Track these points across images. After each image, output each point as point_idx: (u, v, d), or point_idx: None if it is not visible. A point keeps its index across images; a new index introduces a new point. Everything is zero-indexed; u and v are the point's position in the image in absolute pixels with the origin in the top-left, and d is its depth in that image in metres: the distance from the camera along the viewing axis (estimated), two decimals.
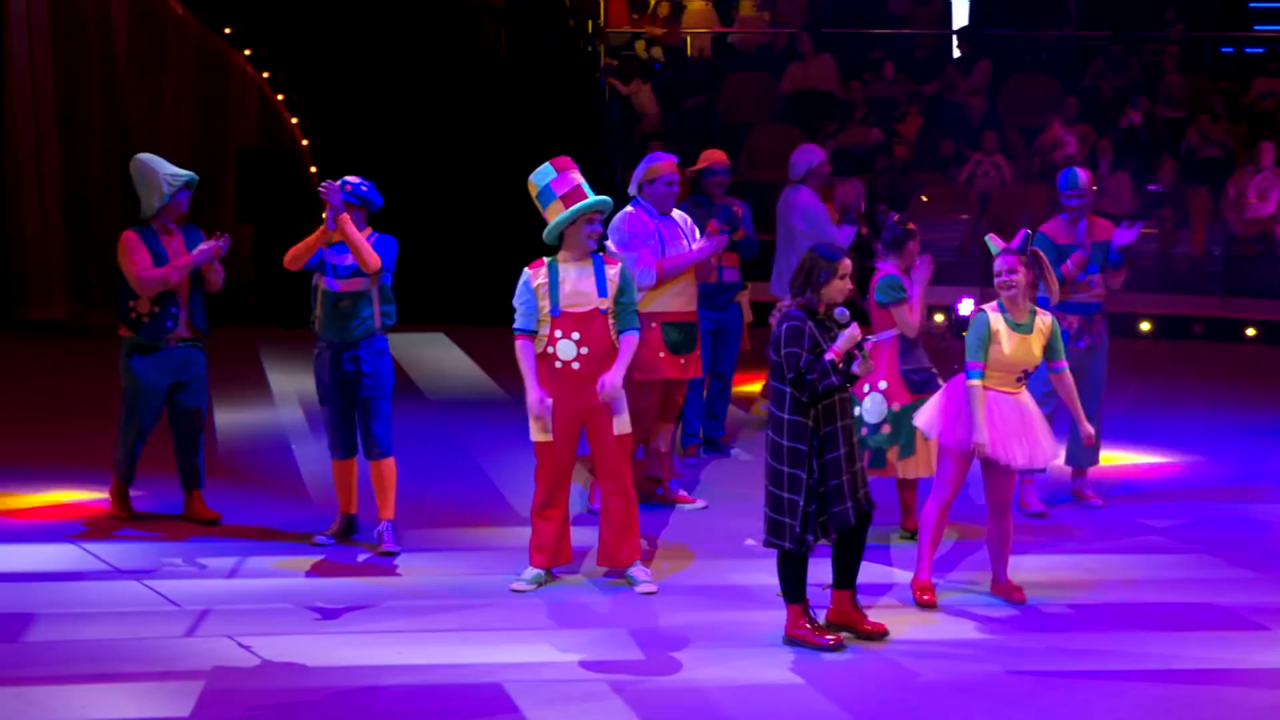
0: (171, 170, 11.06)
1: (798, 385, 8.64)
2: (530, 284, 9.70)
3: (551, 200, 9.75)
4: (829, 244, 8.99)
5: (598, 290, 9.75)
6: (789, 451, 8.73)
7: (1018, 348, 9.42)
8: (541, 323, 9.72)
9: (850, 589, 8.99)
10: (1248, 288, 18.62)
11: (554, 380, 9.72)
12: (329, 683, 8.38)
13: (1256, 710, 8.13)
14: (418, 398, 15.14)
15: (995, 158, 20.40)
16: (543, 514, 9.90)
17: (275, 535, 10.91)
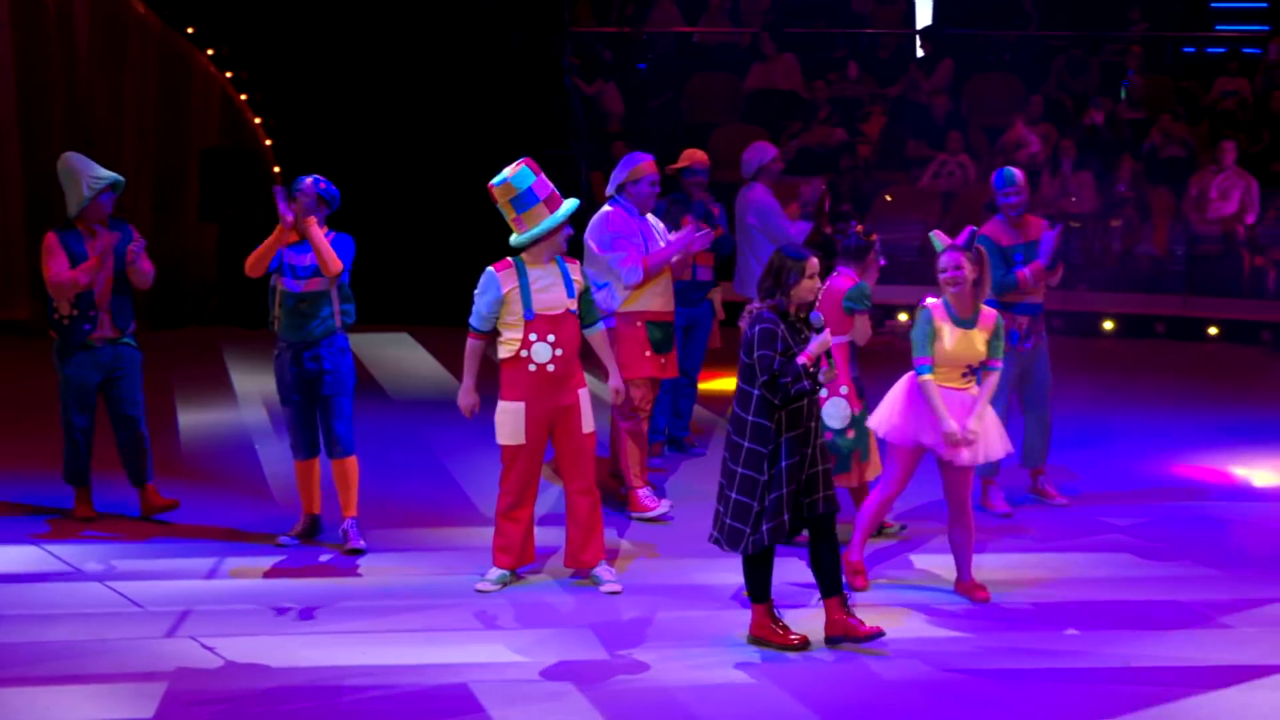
0: (96, 172, 11.02)
1: (770, 388, 8.63)
2: (501, 288, 9.66)
3: (535, 203, 9.67)
4: (794, 245, 9.01)
5: (567, 291, 9.76)
6: (748, 453, 8.72)
7: (959, 343, 9.54)
8: (512, 327, 9.70)
9: (838, 594, 8.90)
10: (1210, 287, 18.69)
11: (528, 383, 9.70)
12: (293, 683, 8.37)
13: (1218, 708, 8.17)
14: (381, 398, 15.12)
15: (960, 157, 20.45)
16: (510, 515, 9.89)
17: (239, 536, 10.89)
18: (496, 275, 9.69)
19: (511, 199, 9.70)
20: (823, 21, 23.45)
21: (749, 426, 8.73)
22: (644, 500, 11.36)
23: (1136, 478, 12.55)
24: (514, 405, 9.71)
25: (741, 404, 8.78)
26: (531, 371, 9.69)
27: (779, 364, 8.60)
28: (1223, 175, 18.95)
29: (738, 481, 8.75)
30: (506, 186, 9.69)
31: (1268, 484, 12.43)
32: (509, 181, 9.69)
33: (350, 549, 10.54)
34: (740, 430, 8.77)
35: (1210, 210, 18.96)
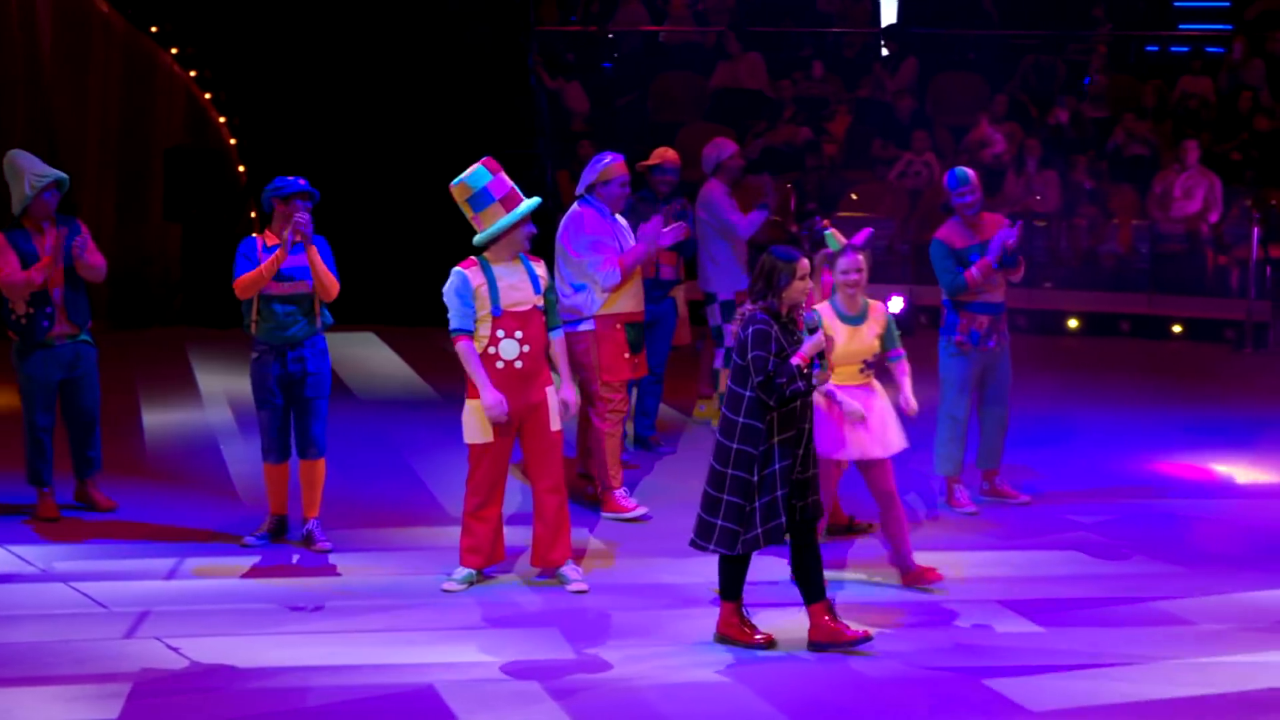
0: (39, 170, 10.99)
1: (766, 389, 8.57)
2: (470, 285, 9.66)
3: (490, 203, 9.69)
4: (784, 246, 8.98)
5: (533, 288, 9.77)
6: (736, 454, 8.67)
7: (851, 340, 9.75)
8: (480, 323, 9.71)
9: (823, 599, 8.83)
10: (1174, 285, 18.76)
11: (496, 380, 9.69)
12: (259, 684, 8.35)
13: (1179, 705, 8.20)
14: (348, 398, 15.09)
15: (925, 156, 20.49)
16: (479, 515, 9.88)
17: (204, 536, 10.86)
18: (465, 272, 9.70)
19: (468, 198, 9.73)
20: (788, 20, 23.49)
21: (739, 428, 8.67)
22: (621, 501, 11.36)
23: (1100, 475, 12.59)
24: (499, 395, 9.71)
25: (732, 406, 8.72)
26: (499, 369, 9.69)
27: (774, 365, 8.56)
28: (1186, 174, 19.03)
29: (728, 484, 8.68)
30: (463, 186, 9.74)
31: (1231, 481, 12.48)
32: (464, 181, 9.74)
33: (320, 548, 10.54)
34: (730, 433, 8.70)
35: (1174, 209, 19.04)
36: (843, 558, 10.45)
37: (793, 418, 8.70)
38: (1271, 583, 10.02)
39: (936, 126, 21.23)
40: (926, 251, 11.74)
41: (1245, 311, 17.83)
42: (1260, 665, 8.67)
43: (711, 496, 8.76)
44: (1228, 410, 14.81)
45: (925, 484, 11.92)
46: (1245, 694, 8.32)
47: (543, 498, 9.91)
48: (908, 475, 12.02)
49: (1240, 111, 20.23)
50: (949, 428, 11.56)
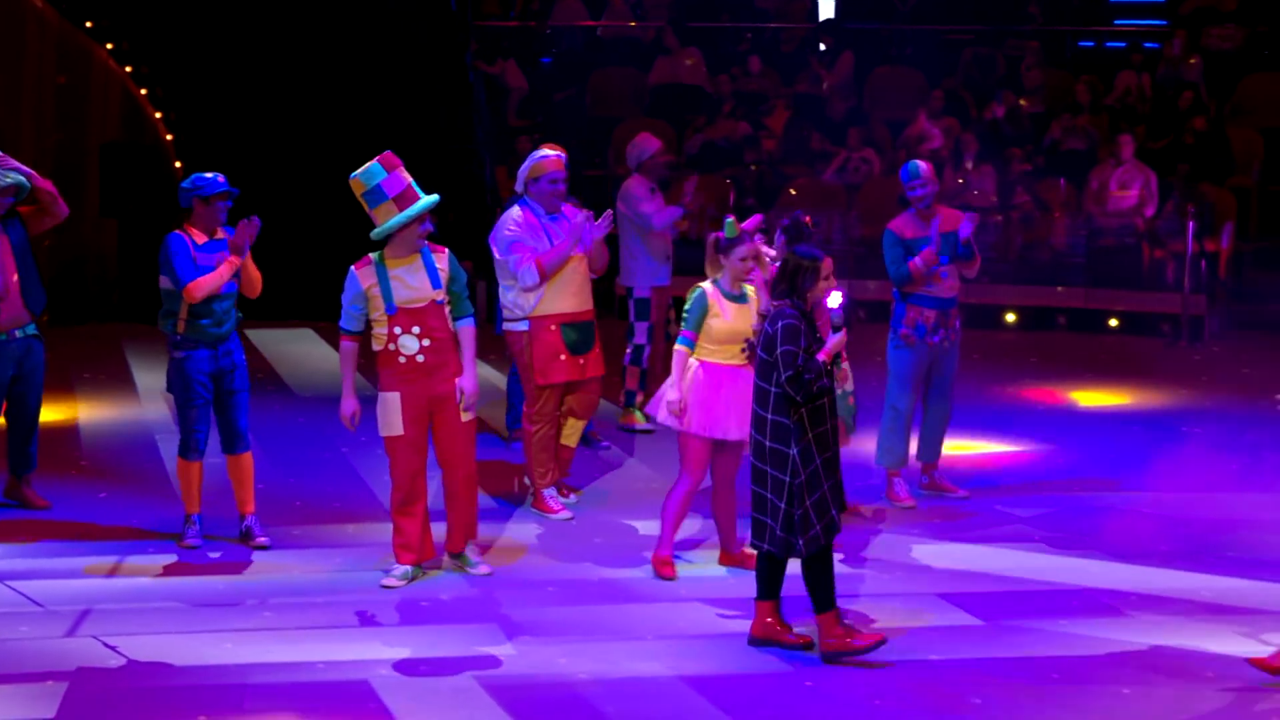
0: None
1: (795, 384, 8.48)
2: (360, 286, 9.70)
3: (383, 201, 9.71)
4: (807, 246, 8.99)
5: (431, 283, 9.77)
6: (771, 452, 8.60)
7: (737, 316, 9.83)
8: (379, 321, 9.72)
9: (832, 609, 8.70)
10: (1110, 279, 18.85)
11: (400, 375, 9.73)
12: (196, 681, 8.31)
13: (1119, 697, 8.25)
14: (286, 394, 15.03)
15: (863, 152, 20.53)
16: (405, 511, 9.88)
17: (142, 534, 10.81)
18: (356, 273, 9.76)
19: (363, 194, 9.78)
20: (726, 16, 23.52)
21: (769, 424, 8.61)
22: (549, 501, 11.33)
23: (1039, 469, 12.65)
24: (389, 396, 9.76)
25: (760, 401, 8.65)
26: (402, 363, 9.74)
27: (802, 360, 8.53)
28: (1122, 168, 19.12)
29: (770, 482, 8.61)
30: (356, 182, 9.79)
31: (1168, 475, 12.55)
32: (358, 177, 9.78)
33: (257, 544, 10.52)
34: (761, 428, 8.64)
35: (1110, 203, 19.14)
36: None
37: (823, 414, 8.63)
38: (1207, 574, 10.08)
39: (874, 122, 21.28)
40: (865, 247, 11.77)
41: (1181, 305, 17.94)
42: (1199, 655, 8.73)
43: (759, 495, 8.66)
44: (1164, 404, 14.90)
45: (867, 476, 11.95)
46: (1185, 684, 8.37)
47: (458, 488, 9.96)
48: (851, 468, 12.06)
49: (1176, 106, 20.36)
50: (892, 420, 11.59)
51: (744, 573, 9.95)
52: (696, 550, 10.45)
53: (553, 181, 11.21)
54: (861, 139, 20.70)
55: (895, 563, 10.29)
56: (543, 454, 11.30)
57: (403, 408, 9.74)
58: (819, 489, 8.60)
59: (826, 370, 8.57)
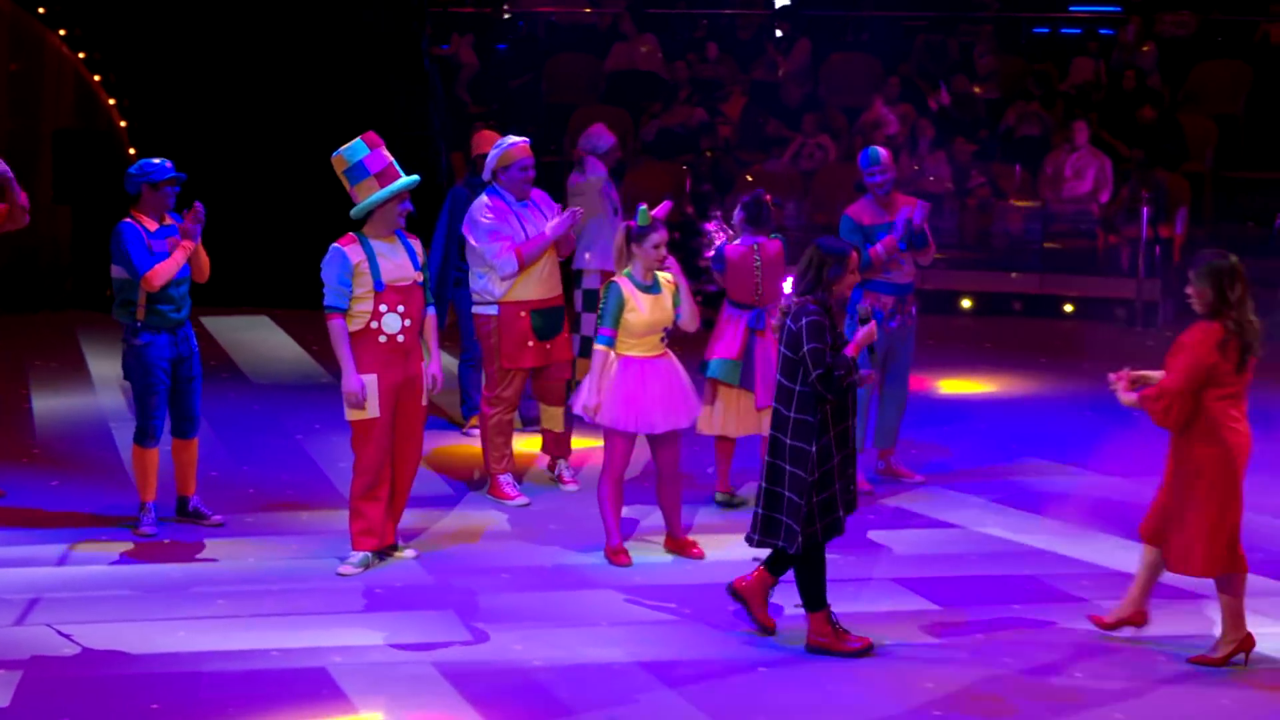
0: None
1: (826, 382, 8.42)
2: (349, 262, 9.66)
3: (365, 177, 9.74)
4: (834, 239, 8.99)
5: (413, 264, 9.82)
6: (792, 450, 8.54)
7: (653, 308, 9.89)
8: (361, 299, 9.69)
9: (824, 608, 8.66)
10: (1065, 264, 18.91)
11: (377, 355, 9.72)
12: (150, 669, 8.29)
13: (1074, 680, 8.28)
14: (241, 381, 14.97)
15: (819, 138, 20.54)
16: (372, 495, 9.86)
17: (96, 521, 10.76)
18: (343, 249, 9.72)
19: (344, 171, 9.80)
20: (682, 2, 23.50)
21: (791, 424, 8.53)
22: (504, 488, 11.33)
23: (995, 454, 12.68)
24: (367, 378, 9.72)
25: (783, 400, 8.57)
26: (381, 343, 9.71)
27: (830, 357, 8.47)
28: (1077, 154, 19.18)
29: (788, 479, 8.54)
30: (339, 159, 9.81)
31: (1122, 458, 12.59)
32: (341, 154, 9.81)
33: (213, 523, 10.59)
34: (783, 427, 8.56)
35: (1065, 189, 19.19)
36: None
37: (844, 411, 8.59)
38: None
39: (830, 108, 21.29)
40: (820, 233, 11.78)
41: (1135, 290, 18.01)
42: (1152, 637, 8.77)
43: (772, 493, 8.59)
44: None
45: None
46: (1140, 665, 8.42)
47: (405, 475, 9.98)
48: None
49: (1130, 93, 20.42)
50: None
51: (690, 561, 10.01)
52: (645, 538, 10.44)
53: (523, 169, 11.20)
54: (817, 125, 20.70)
55: (851, 547, 10.30)
56: (499, 439, 11.29)
57: (379, 389, 9.73)
58: (830, 487, 8.56)
59: (855, 364, 8.53)
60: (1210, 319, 8.51)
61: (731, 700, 7.98)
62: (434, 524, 10.78)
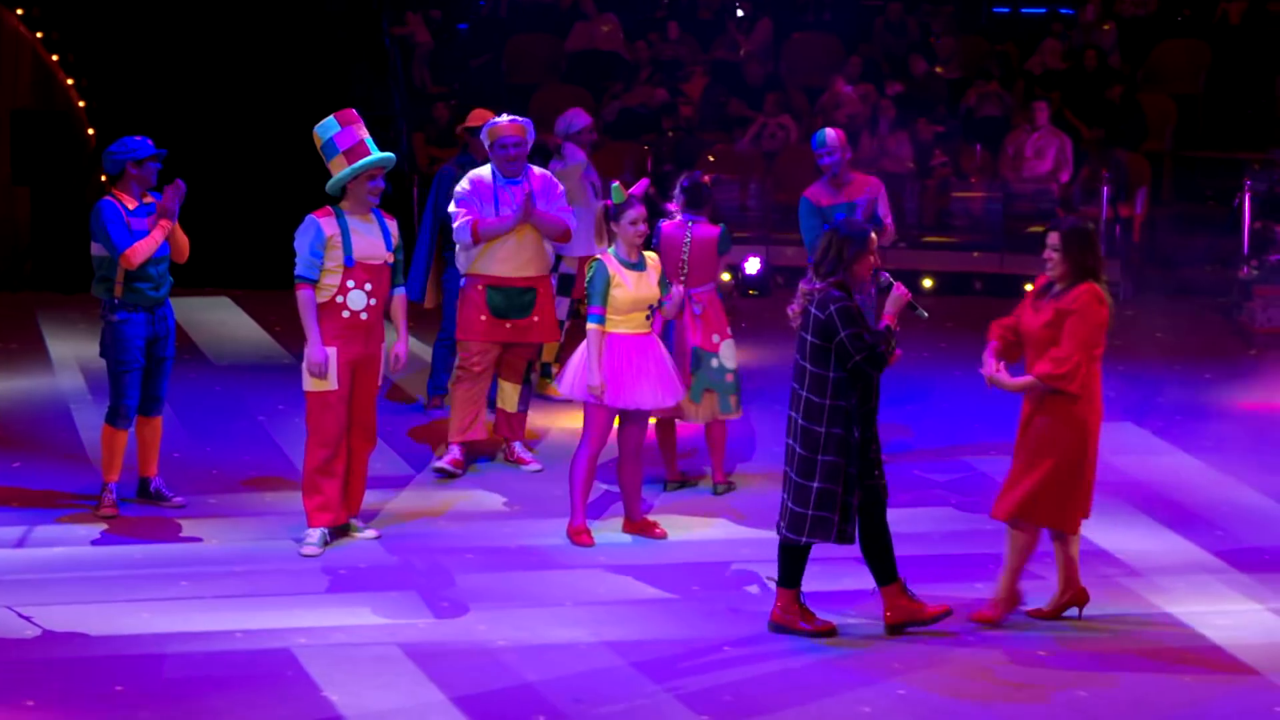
0: None
1: (874, 362, 8.37)
2: (323, 234, 9.69)
3: (334, 154, 9.82)
4: (851, 220, 8.97)
5: (385, 244, 9.84)
6: (828, 438, 8.43)
7: (639, 284, 9.91)
8: (330, 273, 9.71)
9: (896, 580, 8.64)
10: (1026, 244, 18.92)
11: (340, 329, 9.76)
12: (113, 651, 8.27)
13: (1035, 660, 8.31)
14: (203, 363, 14.93)
15: (780, 118, 20.53)
16: (328, 470, 9.87)
17: (56, 503, 10.72)
18: (318, 220, 9.77)
19: (319, 147, 9.88)
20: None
21: (827, 411, 8.44)
22: (447, 455, 11.42)
23: (955, 434, 12.71)
24: (328, 350, 9.74)
25: (816, 389, 8.48)
26: (345, 318, 9.75)
27: (870, 336, 8.40)
28: (1037, 134, 19.22)
29: (820, 470, 8.44)
30: (315, 135, 9.87)
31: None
32: (316, 130, 9.88)
33: (175, 504, 10.58)
34: (817, 416, 8.45)
35: (1026, 169, 19.23)
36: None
37: (871, 392, 8.57)
38: (1125, 538, 10.18)
39: (790, 88, 21.29)
40: (781, 214, 11.79)
41: None
42: (1112, 618, 8.82)
43: (801, 485, 8.47)
44: None
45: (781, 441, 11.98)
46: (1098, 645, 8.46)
47: (356, 446, 10.01)
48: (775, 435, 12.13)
49: (1090, 72, 20.47)
50: None
51: (653, 541, 10.02)
52: (604, 519, 10.45)
53: (503, 147, 11.20)
54: (778, 105, 20.69)
55: None
56: (459, 410, 11.35)
57: (338, 362, 9.75)
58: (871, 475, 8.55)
59: (892, 334, 8.48)
60: (1083, 280, 8.57)
61: (697, 679, 7.99)
62: (397, 505, 10.77)
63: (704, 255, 10.88)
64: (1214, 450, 12.15)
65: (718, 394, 10.89)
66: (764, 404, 12.78)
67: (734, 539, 10.20)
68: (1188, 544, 10.10)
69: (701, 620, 8.78)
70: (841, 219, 8.83)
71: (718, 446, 11.07)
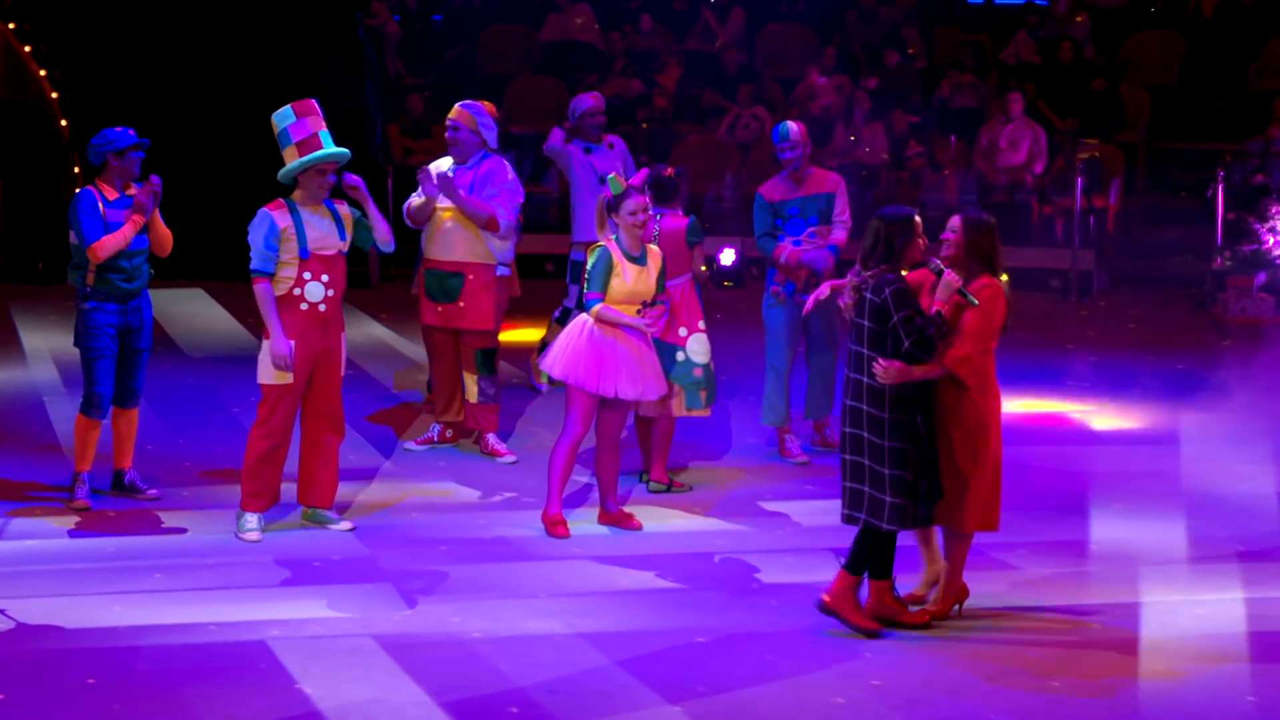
0: None
1: (924, 346, 8.28)
2: (276, 227, 9.71)
3: (287, 145, 9.85)
4: (894, 206, 8.94)
5: (339, 234, 9.87)
6: (892, 424, 8.35)
7: (637, 279, 9.87)
8: (286, 265, 9.73)
9: (889, 578, 8.58)
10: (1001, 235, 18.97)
11: (299, 322, 9.78)
12: (87, 644, 8.25)
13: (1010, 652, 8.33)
14: (177, 355, 14.91)
15: (754, 109, 20.55)
16: (272, 459, 9.92)
17: (30, 495, 10.70)
18: (271, 214, 9.78)
19: (276, 135, 9.89)
20: None
21: (889, 397, 8.35)
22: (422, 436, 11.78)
23: None
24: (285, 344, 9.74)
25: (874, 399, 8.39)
26: (303, 310, 9.78)
27: (922, 320, 8.35)
28: (1011, 125, 19.26)
29: (888, 456, 8.35)
30: (273, 122, 9.89)
31: (1059, 427, 12.68)
32: (273, 118, 9.90)
33: (150, 496, 10.58)
34: (879, 402, 8.36)
35: (1000, 160, 19.27)
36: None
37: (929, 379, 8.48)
38: (1098, 528, 10.20)
39: (765, 79, 21.30)
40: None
41: (1070, 260, 18.10)
42: (1085, 608, 8.84)
43: (875, 471, 8.37)
44: (1054, 357, 15.01)
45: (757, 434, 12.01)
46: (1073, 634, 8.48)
47: (324, 439, 10.03)
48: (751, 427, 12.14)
49: (1063, 64, 20.51)
50: (772, 379, 11.64)
51: (628, 532, 10.02)
52: (580, 510, 10.45)
53: (449, 129, 11.45)
54: (752, 96, 20.70)
55: (787, 518, 10.35)
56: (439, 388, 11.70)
57: (296, 355, 9.77)
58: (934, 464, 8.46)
59: (945, 321, 8.40)
60: (983, 272, 8.63)
61: (670, 671, 8.00)
62: (371, 496, 10.76)
63: (673, 247, 10.83)
64: (1187, 441, 12.19)
65: (684, 389, 10.80)
66: (740, 397, 12.80)
67: (709, 531, 10.21)
68: (1161, 534, 10.12)
69: (676, 611, 8.78)
70: (885, 208, 8.78)
71: (662, 442, 10.96)
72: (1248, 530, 10.21)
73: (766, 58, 21.92)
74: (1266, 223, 16.44)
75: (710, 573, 9.41)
